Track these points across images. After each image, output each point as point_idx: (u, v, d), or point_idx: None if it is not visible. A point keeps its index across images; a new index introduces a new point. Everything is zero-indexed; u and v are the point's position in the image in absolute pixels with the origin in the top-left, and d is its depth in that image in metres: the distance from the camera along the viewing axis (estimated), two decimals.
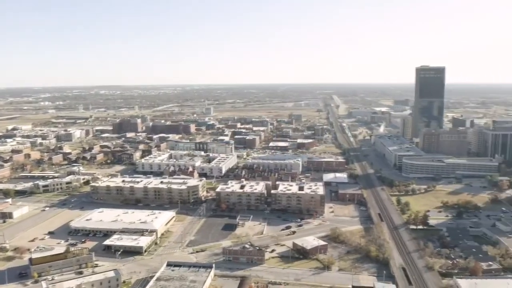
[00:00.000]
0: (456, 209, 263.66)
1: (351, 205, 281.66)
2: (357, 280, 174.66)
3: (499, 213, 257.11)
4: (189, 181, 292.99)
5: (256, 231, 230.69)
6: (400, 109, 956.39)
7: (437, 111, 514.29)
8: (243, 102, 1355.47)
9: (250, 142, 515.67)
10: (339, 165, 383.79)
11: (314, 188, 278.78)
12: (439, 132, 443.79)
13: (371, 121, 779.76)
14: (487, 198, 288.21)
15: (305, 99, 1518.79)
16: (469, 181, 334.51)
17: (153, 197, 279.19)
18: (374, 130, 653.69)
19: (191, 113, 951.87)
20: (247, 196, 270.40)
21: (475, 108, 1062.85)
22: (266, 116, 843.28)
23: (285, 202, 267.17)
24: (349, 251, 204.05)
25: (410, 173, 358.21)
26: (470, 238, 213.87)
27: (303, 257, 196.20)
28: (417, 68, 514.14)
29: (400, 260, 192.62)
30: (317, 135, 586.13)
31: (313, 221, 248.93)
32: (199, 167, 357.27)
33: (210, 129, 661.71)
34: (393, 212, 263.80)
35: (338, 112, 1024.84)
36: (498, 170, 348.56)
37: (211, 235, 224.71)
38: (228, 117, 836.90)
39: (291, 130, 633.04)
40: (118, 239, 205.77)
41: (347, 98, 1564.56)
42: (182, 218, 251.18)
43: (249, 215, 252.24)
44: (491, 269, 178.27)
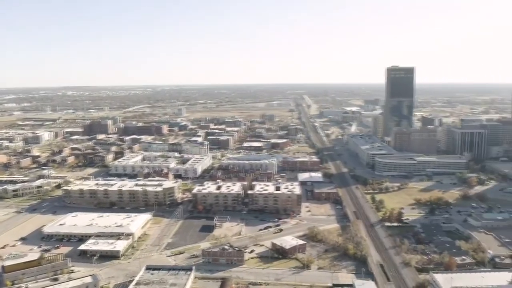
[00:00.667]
0: (429, 205, 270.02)
1: (327, 204, 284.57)
2: (336, 278, 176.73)
3: (469, 208, 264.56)
4: (165, 183, 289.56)
5: (234, 232, 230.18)
6: (370, 108, 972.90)
7: (407, 110, 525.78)
8: (214, 103, 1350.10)
9: (224, 142, 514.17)
10: (313, 165, 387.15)
11: (290, 187, 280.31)
12: (410, 131, 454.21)
13: (342, 121, 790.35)
14: (457, 194, 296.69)
15: (276, 99, 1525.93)
16: (439, 178, 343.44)
17: (128, 200, 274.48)
18: (346, 129, 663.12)
19: (163, 114, 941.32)
20: (224, 197, 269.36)
21: (442, 107, 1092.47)
22: (238, 117, 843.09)
23: (262, 202, 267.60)
24: (327, 250, 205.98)
25: (383, 171, 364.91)
26: (444, 233, 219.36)
27: (282, 257, 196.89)
28: (388, 69, 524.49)
29: (378, 257, 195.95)
30: (290, 135, 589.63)
31: (290, 221, 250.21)
32: (174, 168, 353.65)
33: (182, 130, 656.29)
34: (368, 210, 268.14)
35: (310, 112, 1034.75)
36: (467, 167, 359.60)
37: (189, 237, 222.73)
38: (200, 117, 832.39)
39: (264, 130, 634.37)
40: (94, 243, 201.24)
41: (318, 98, 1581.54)
42: (159, 220, 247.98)
43: (227, 216, 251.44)
44: (465, 264, 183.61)
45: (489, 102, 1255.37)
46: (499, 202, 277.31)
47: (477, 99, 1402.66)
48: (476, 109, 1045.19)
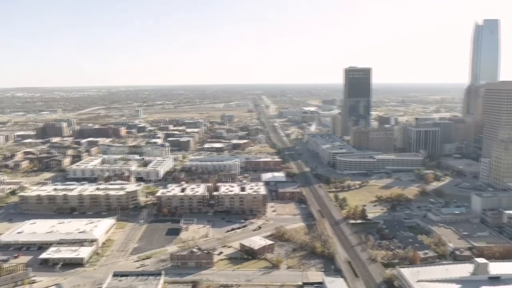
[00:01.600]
0: (390, 202, 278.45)
1: (291, 203, 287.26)
2: (306, 276, 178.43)
3: (428, 204, 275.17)
4: (127, 186, 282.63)
5: (201, 234, 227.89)
6: (328, 108, 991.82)
7: (365, 110, 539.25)
8: (172, 104, 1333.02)
9: (184, 144, 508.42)
10: (276, 165, 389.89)
11: (255, 188, 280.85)
12: (368, 130, 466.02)
13: (301, 121, 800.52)
14: (416, 190, 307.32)
15: (235, 99, 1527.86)
16: (398, 175, 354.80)
17: (90, 204, 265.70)
18: (305, 129, 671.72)
19: (120, 116, 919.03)
20: (189, 199, 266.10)
21: (396, 107, 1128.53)
22: (198, 118, 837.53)
23: (228, 203, 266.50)
24: (295, 249, 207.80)
25: (344, 170, 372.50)
26: (406, 229, 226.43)
27: (252, 258, 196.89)
28: (346, 69, 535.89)
29: (345, 254, 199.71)
30: (251, 136, 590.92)
31: (257, 221, 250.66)
32: (135, 171, 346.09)
33: (141, 132, 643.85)
34: (332, 208, 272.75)
35: (269, 112, 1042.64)
36: (423, 164, 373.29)
37: (155, 241, 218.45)
38: (159, 119, 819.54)
39: (224, 131, 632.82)
40: (56, 251, 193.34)
41: (276, 98, 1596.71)
42: (123, 225, 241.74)
43: (193, 219, 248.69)
44: (428, 257, 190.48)
45: (440, 101, 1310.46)
46: (455, 197, 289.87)
47: (429, 98, 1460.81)
48: (428, 108, 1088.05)
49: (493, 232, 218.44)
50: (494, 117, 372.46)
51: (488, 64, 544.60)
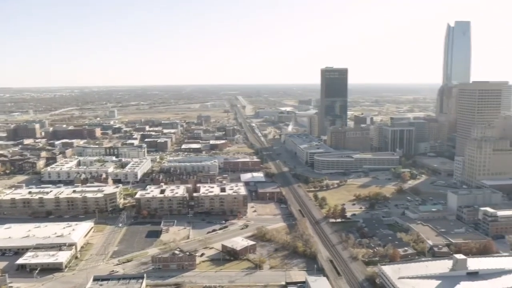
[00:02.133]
0: (368, 201, 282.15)
1: (271, 203, 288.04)
2: (289, 276, 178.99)
3: (405, 202, 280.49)
4: (105, 189, 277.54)
5: (182, 236, 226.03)
6: (304, 108, 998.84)
7: (341, 110, 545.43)
8: (147, 104, 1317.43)
9: (161, 145, 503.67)
10: (255, 165, 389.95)
11: (235, 188, 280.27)
12: (345, 130, 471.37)
13: (278, 121, 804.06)
14: (393, 189, 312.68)
15: (210, 100, 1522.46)
16: (375, 174, 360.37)
17: (67, 208, 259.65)
18: (283, 129, 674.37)
19: (94, 117, 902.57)
20: (169, 200, 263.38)
21: (370, 107, 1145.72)
22: (174, 118, 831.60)
23: (208, 204, 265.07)
24: (277, 249, 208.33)
25: (322, 169, 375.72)
26: (385, 227, 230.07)
27: (234, 258, 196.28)
28: (322, 70, 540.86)
29: (327, 253, 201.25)
30: (228, 136, 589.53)
31: (237, 222, 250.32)
32: (113, 173, 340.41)
33: (117, 133, 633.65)
34: (312, 207, 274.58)
35: (245, 112, 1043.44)
36: (400, 163, 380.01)
37: (135, 244, 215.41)
38: (134, 119, 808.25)
39: (202, 131, 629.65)
40: (33, 256, 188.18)
41: (252, 98, 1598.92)
42: (102, 228, 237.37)
43: (173, 220, 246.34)
44: (407, 254, 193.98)
45: (413, 101, 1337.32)
46: (431, 195, 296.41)
47: (402, 98, 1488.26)
48: (402, 107, 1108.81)
49: (469, 229, 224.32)
50: (467, 116, 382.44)
51: (460, 64, 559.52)
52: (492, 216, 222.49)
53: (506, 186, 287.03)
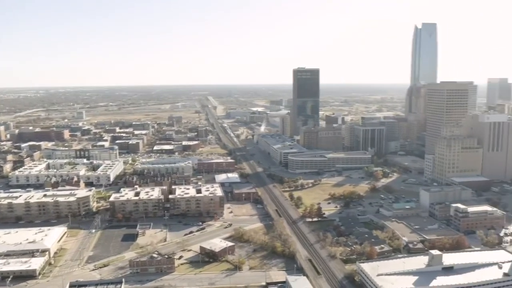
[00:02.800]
0: (343, 199, 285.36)
1: (247, 204, 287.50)
2: (269, 276, 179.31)
3: (379, 200, 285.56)
4: (77, 192, 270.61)
5: (159, 239, 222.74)
6: (276, 108, 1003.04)
7: (313, 110, 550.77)
8: (116, 105, 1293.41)
9: (133, 146, 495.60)
10: (229, 166, 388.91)
11: (211, 190, 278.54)
12: (317, 130, 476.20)
13: (250, 121, 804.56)
14: (366, 187, 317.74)
15: (181, 100, 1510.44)
16: (348, 173, 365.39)
17: (37, 212, 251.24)
18: (255, 129, 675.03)
19: (61, 118, 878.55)
20: (144, 203, 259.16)
21: (340, 106, 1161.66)
22: (144, 119, 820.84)
23: (184, 206, 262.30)
24: (256, 249, 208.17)
25: (296, 169, 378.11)
26: (361, 225, 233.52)
27: (213, 260, 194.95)
28: (294, 70, 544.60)
29: (305, 252, 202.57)
30: (200, 137, 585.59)
31: (214, 223, 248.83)
32: (84, 176, 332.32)
33: (86, 135, 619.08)
34: (288, 207, 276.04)
35: (217, 113, 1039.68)
36: (372, 162, 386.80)
37: (111, 248, 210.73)
38: (104, 121, 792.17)
39: (173, 132, 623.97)
40: (5, 263, 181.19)
41: (223, 99, 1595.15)
42: (75, 232, 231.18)
43: (149, 223, 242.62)
44: (384, 251, 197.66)
45: (380, 101, 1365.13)
46: (403, 193, 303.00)
47: (370, 98, 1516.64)
48: (370, 107, 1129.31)
49: (441, 225, 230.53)
50: (436, 115, 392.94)
51: (427, 65, 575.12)
52: (463, 212, 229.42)
53: (474, 182, 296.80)
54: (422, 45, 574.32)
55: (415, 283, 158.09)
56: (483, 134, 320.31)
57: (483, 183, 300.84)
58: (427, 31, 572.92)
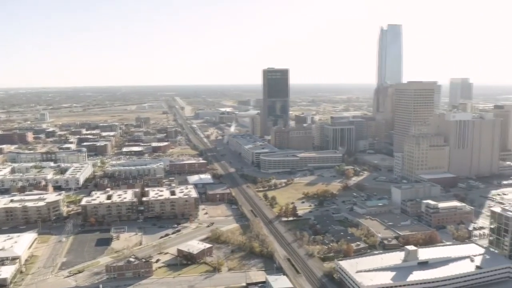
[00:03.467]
0: (316, 198, 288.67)
1: (222, 204, 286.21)
2: (249, 277, 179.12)
3: (352, 198, 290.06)
4: (47, 196, 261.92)
5: (134, 243, 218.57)
6: (244, 109, 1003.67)
7: (283, 109, 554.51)
8: (81, 106, 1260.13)
9: (101, 148, 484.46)
10: (201, 167, 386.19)
11: (186, 191, 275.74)
12: (288, 130, 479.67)
13: (219, 121, 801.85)
14: (339, 186, 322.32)
15: (147, 101, 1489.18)
16: (320, 172, 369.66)
17: (5, 218, 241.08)
18: (225, 130, 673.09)
19: (23, 120, 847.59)
20: (117, 206, 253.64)
21: (307, 106, 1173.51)
22: (111, 120, 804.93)
23: (158, 208, 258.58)
24: (234, 250, 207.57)
25: (268, 169, 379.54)
26: (336, 223, 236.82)
27: (191, 262, 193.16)
28: (264, 70, 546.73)
29: (283, 252, 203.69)
30: (170, 138, 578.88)
31: (190, 225, 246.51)
32: (52, 179, 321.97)
33: (51, 137, 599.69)
34: (263, 207, 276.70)
35: (185, 113, 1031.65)
36: (343, 161, 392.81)
37: (85, 253, 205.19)
38: (68, 122, 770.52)
39: (142, 133, 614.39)
40: None
41: (190, 99, 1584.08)
42: (46, 238, 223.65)
43: (123, 227, 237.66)
44: (360, 248, 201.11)
45: (346, 100, 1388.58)
46: (374, 190, 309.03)
47: (336, 98, 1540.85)
48: (337, 107, 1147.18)
49: (414, 221, 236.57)
50: (404, 115, 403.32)
51: (393, 65, 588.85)
52: (434, 208, 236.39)
53: (442, 179, 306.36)
54: (387, 46, 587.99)
55: (393, 278, 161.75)
56: (449, 132, 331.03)
57: (450, 180, 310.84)
58: (393, 32, 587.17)
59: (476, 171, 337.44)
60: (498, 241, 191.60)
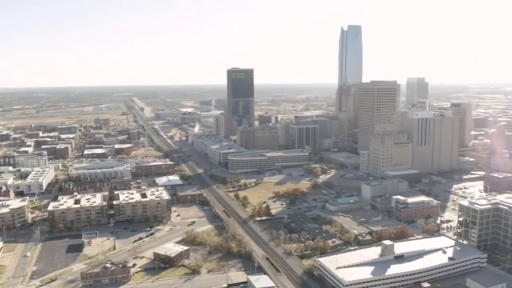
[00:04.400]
0: (287, 197, 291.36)
1: (193, 206, 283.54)
2: (229, 278, 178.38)
3: (322, 196, 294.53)
4: (10, 203, 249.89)
5: (107, 248, 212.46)
6: (206, 109, 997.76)
7: (248, 109, 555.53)
8: (34, 108, 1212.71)
9: (61, 151, 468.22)
10: (168, 168, 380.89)
11: (157, 193, 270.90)
12: (254, 129, 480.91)
13: (182, 122, 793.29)
14: (308, 184, 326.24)
15: (104, 102, 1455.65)
16: (288, 171, 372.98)
17: None
18: (188, 130, 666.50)
19: None
20: (87, 211, 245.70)
21: (268, 106, 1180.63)
22: (68, 122, 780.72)
23: (130, 212, 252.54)
24: (210, 252, 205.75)
25: (236, 169, 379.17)
26: (310, 221, 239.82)
27: (169, 266, 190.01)
28: (229, 70, 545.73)
29: (261, 251, 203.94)
30: (132, 139, 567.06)
31: (163, 228, 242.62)
32: (13, 185, 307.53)
33: (4, 140, 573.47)
34: (236, 207, 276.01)
35: (145, 114, 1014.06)
36: (309, 159, 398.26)
37: (56, 261, 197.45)
38: (22, 125, 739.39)
39: (103, 135, 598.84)
40: None
41: (149, 100, 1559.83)
42: (12, 247, 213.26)
43: (95, 232, 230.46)
44: (336, 245, 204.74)
45: (306, 100, 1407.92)
46: (343, 188, 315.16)
47: (295, 97, 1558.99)
48: (297, 106, 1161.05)
49: (384, 216, 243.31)
50: (367, 113, 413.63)
51: (353, 65, 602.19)
52: (403, 204, 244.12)
53: (406, 175, 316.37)
54: (348, 46, 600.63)
55: (373, 272, 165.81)
56: (412, 130, 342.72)
57: (414, 175, 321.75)
58: (353, 33, 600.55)
59: (438, 167, 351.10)
60: (466, 233, 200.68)
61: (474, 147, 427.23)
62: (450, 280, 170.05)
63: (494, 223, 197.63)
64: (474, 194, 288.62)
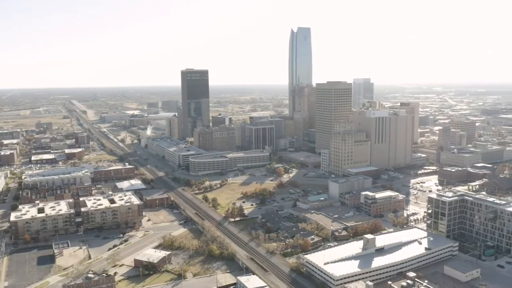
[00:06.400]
0: (256, 197, 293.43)
1: (162, 210, 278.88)
2: (218, 280, 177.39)
3: (289, 195, 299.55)
4: None
5: (81, 257, 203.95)
6: (153, 111, 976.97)
7: (203, 111, 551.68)
8: None
9: (6, 158, 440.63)
10: (128, 172, 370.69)
11: (126, 198, 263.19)
12: (212, 130, 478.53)
13: (130, 125, 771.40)
14: (273, 184, 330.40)
15: (41, 105, 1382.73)
16: (251, 172, 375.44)
17: None
18: (140, 133, 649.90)
19: None
20: (53, 219, 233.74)
21: (214, 107, 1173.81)
22: (6, 127, 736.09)
23: (99, 218, 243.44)
24: (191, 255, 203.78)
25: (198, 171, 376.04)
26: (284, 219, 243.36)
27: (153, 272, 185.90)
28: (183, 71, 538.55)
29: (244, 252, 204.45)
30: (81, 143, 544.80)
31: (136, 233, 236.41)
32: None
33: None
34: (207, 209, 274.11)
35: (88, 117, 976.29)
36: (270, 159, 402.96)
37: (28, 274, 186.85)
38: None
39: (49, 140, 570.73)
40: None
41: (89, 102, 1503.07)
42: None
43: (65, 241, 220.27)
44: (316, 242, 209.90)
45: (251, 101, 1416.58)
46: (307, 186, 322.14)
47: (240, 98, 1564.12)
48: (244, 107, 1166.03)
49: (355, 212, 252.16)
50: (325, 113, 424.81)
51: (303, 66, 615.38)
52: (372, 199, 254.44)
53: (367, 172, 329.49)
54: (298, 48, 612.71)
55: (359, 266, 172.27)
56: (370, 128, 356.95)
57: (374, 172, 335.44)
58: (302, 35, 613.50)
59: (394, 163, 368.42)
60: (435, 224, 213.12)
61: (423, 144, 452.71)
62: (428, 268, 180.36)
63: (460, 213, 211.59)
64: (431, 187, 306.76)
